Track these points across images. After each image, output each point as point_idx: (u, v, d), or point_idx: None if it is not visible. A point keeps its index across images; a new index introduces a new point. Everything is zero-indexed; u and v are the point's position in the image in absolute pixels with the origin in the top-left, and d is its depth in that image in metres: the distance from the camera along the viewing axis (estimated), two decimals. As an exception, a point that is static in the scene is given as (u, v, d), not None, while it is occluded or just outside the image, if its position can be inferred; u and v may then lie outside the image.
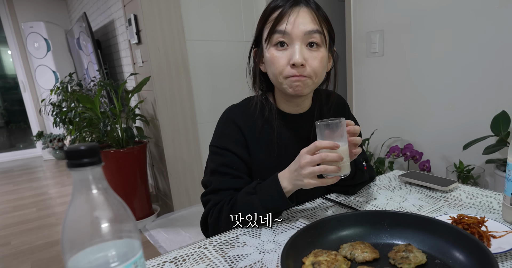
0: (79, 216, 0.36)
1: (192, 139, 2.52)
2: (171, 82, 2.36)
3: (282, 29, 0.74)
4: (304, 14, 0.75)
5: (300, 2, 0.75)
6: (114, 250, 0.37)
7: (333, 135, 0.68)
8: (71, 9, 4.45)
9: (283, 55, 0.75)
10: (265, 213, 0.74)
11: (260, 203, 0.73)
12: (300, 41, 0.74)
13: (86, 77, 3.61)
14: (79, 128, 2.29)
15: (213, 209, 0.80)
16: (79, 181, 0.36)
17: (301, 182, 0.69)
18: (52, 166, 4.41)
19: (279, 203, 0.73)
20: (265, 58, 0.80)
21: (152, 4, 2.20)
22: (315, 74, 0.77)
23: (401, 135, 1.95)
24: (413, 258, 0.56)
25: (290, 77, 0.76)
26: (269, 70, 0.80)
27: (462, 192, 0.90)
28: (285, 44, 0.75)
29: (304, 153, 0.68)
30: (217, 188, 0.82)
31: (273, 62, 0.76)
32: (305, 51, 0.75)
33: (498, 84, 1.48)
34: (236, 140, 0.84)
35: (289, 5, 0.74)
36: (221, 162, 0.83)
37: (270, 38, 0.76)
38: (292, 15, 0.74)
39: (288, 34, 0.74)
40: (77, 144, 0.36)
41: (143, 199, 2.40)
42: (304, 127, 0.90)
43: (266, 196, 0.74)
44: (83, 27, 2.98)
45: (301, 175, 0.68)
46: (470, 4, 1.51)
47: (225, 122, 0.87)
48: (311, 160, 0.66)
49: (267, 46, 0.78)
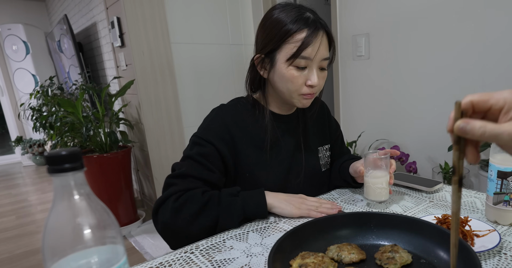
0: (61, 223, 0.35)
1: (178, 143, 2.49)
2: (156, 85, 2.34)
3: (310, 56, 0.79)
4: (323, 40, 0.81)
5: (320, 27, 0.81)
6: (97, 257, 0.36)
7: (377, 166, 0.82)
8: (51, 11, 4.35)
9: (301, 76, 0.82)
10: (241, 216, 0.77)
11: (241, 207, 0.77)
12: (317, 65, 0.82)
13: (68, 81, 3.53)
14: (61, 133, 2.24)
15: (181, 194, 0.78)
16: (61, 187, 0.35)
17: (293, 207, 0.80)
18: (32, 172, 4.28)
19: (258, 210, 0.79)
20: (280, 73, 0.83)
21: (135, 6, 2.17)
22: (319, 91, 0.89)
23: (387, 137, 1.98)
24: (399, 258, 0.56)
25: (304, 95, 0.85)
26: (284, 85, 0.84)
27: (447, 192, 0.92)
28: (305, 67, 0.82)
29: None
30: (187, 173, 0.81)
31: (292, 81, 0.82)
32: (318, 73, 0.83)
33: (481, 85, 1.53)
34: (221, 137, 0.85)
35: (313, 30, 0.79)
36: (199, 151, 0.84)
37: (294, 60, 0.80)
38: (319, 42, 0.80)
39: (311, 60, 0.80)
40: (58, 149, 0.35)
41: (127, 205, 2.36)
42: (291, 126, 0.97)
43: (249, 201, 0.79)
44: (64, 30, 2.92)
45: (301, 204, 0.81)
46: (453, 7, 1.55)
47: (213, 118, 0.89)
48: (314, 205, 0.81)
49: (287, 65, 0.81)
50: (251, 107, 0.91)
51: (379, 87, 1.95)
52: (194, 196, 0.77)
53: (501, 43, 1.44)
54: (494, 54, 1.47)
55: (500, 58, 1.46)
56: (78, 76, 2.95)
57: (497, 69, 1.48)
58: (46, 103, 2.75)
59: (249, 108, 0.91)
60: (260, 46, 0.85)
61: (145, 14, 2.22)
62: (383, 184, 0.81)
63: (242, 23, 2.74)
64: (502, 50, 1.45)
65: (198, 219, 0.75)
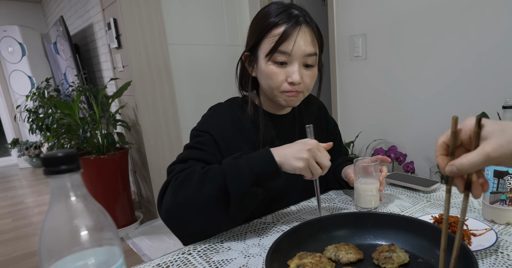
0: (58, 224, 0.35)
1: (176, 144, 2.49)
2: (153, 86, 2.33)
3: (287, 50, 0.77)
4: (305, 35, 0.78)
5: (302, 21, 0.78)
6: (94, 258, 0.36)
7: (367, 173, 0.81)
8: (47, 12, 4.34)
9: (281, 72, 0.79)
10: (250, 175, 0.66)
11: (247, 165, 0.68)
12: (299, 62, 0.79)
13: (64, 83, 3.52)
14: (57, 135, 2.23)
15: (179, 174, 0.73)
16: (57, 189, 0.35)
17: (295, 160, 0.67)
18: (28, 174, 4.26)
19: (268, 166, 0.67)
20: (261, 69, 0.81)
21: (132, 7, 2.17)
22: (307, 89, 0.84)
23: (385, 137, 1.99)
24: (396, 257, 0.57)
25: (286, 92, 0.81)
26: (265, 82, 0.82)
27: (444, 192, 0.92)
28: (284, 63, 0.79)
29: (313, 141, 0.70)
30: (188, 157, 0.78)
31: (271, 77, 0.80)
32: (301, 70, 0.80)
33: (478, 86, 1.54)
34: (218, 129, 0.84)
35: (293, 24, 0.76)
36: (197, 139, 0.83)
37: (272, 55, 0.78)
38: (295, 36, 0.76)
39: (290, 55, 0.77)
40: (54, 151, 0.35)
41: (125, 206, 2.35)
42: (286, 127, 0.95)
43: (253, 160, 0.69)
44: (60, 31, 2.91)
45: (303, 151, 0.67)
46: (450, 9, 1.56)
47: (211, 115, 0.89)
48: (318, 146, 0.69)
49: (266, 60, 0.79)
50: (246, 107, 0.89)
51: (376, 87, 1.96)
52: (194, 171, 0.72)
53: (498, 44, 1.45)
54: (491, 55, 1.48)
55: (496, 59, 1.47)
56: (74, 78, 2.94)
57: (493, 70, 1.49)
58: (43, 105, 2.73)
59: (244, 108, 0.90)
60: (246, 43, 0.85)
61: (142, 15, 2.22)
62: (373, 191, 0.80)
63: (239, 24, 2.74)
64: (499, 51, 1.46)
65: (202, 189, 0.68)
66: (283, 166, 0.68)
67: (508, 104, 0.66)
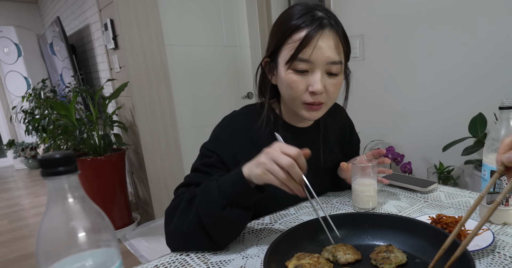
0: (55, 226, 0.35)
1: (173, 145, 2.48)
2: (150, 87, 2.33)
3: (307, 57, 0.70)
4: (329, 40, 0.71)
5: (326, 24, 0.71)
6: (92, 260, 0.36)
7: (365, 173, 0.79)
8: (44, 13, 4.32)
9: (302, 81, 0.73)
10: (220, 198, 0.62)
11: (217, 187, 0.63)
12: (321, 70, 0.72)
13: (61, 84, 3.50)
14: (54, 136, 2.22)
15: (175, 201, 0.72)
16: (55, 190, 0.35)
17: (255, 167, 0.60)
18: (24, 176, 4.23)
19: (237, 185, 0.62)
20: (280, 77, 0.75)
21: (129, 8, 2.17)
22: (331, 100, 0.77)
23: (383, 138, 2.00)
24: (394, 258, 0.57)
25: (308, 104, 0.75)
26: (285, 91, 0.76)
27: (441, 192, 0.93)
28: (305, 71, 0.72)
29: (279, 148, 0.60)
30: (190, 182, 0.76)
31: (291, 87, 0.73)
32: (324, 78, 0.73)
33: (475, 87, 1.55)
34: (228, 147, 0.79)
35: (315, 29, 0.69)
36: (204, 161, 0.78)
37: (291, 63, 0.71)
38: (317, 41, 0.69)
39: (312, 63, 0.71)
40: (52, 152, 0.35)
41: (122, 208, 2.34)
42: (309, 141, 0.89)
43: (225, 181, 0.64)
44: (56, 32, 2.90)
45: (261, 156, 0.60)
46: (447, 10, 1.57)
47: (223, 128, 0.83)
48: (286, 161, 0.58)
49: (285, 68, 0.73)
50: (267, 117, 0.82)
51: (374, 88, 1.97)
52: (184, 197, 0.70)
53: (495, 45, 1.46)
54: (488, 56, 1.49)
55: (493, 60, 1.48)
56: (71, 79, 2.92)
57: (490, 71, 1.50)
58: (39, 106, 2.72)
59: (264, 118, 0.82)
60: (267, 48, 0.79)
61: (139, 16, 2.21)
62: (370, 192, 0.80)
63: (237, 25, 2.75)
64: (496, 52, 1.47)
65: (186, 217, 0.66)
66: (252, 179, 0.62)
67: (504, 105, 0.67)
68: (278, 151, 0.59)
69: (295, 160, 0.58)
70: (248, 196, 0.63)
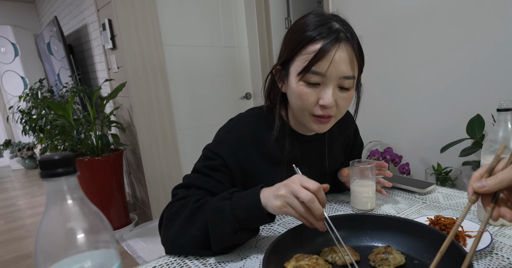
0: (54, 227, 0.35)
1: (171, 146, 2.48)
2: (148, 88, 2.32)
3: (321, 71, 0.68)
4: (344, 54, 0.69)
5: (342, 38, 0.69)
6: (91, 261, 0.36)
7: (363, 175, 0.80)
8: (41, 13, 4.30)
9: (313, 93, 0.71)
10: (233, 222, 0.61)
11: (231, 210, 0.62)
12: (334, 83, 0.70)
13: (58, 84, 3.49)
14: (51, 137, 2.21)
15: (177, 202, 0.71)
16: (54, 192, 0.35)
17: (274, 199, 0.60)
18: (21, 176, 4.21)
19: (252, 212, 0.61)
20: (291, 87, 0.74)
21: (127, 8, 2.16)
22: (340, 113, 0.76)
23: (381, 139, 2.00)
24: (392, 259, 0.57)
25: (317, 117, 0.74)
26: (295, 102, 0.74)
27: (439, 193, 0.93)
28: (317, 84, 0.71)
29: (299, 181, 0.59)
30: (192, 184, 0.74)
31: (301, 98, 0.72)
32: (336, 92, 0.72)
33: (473, 89, 1.55)
34: (233, 151, 0.77)
35: (331, 42, 0.68)
36: (207, 163, 0.77)
37: (304, 75, 0.69)
38: (333, 55, 0.68)
39: (324, 76, 0.69)
40: (51, 153, 0.35)
41: (120, 208, 2.33)
42: (314, 146, 0.88)
43: (240, 203, 0.62)
44: (54, 32, 2.89)
45: (280, 188, 0.59)
46: (445, 11, 1.58)
47: (229, 131, 0.81)
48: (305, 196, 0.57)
49: (297, 79, 0.71)
50: (272, 120, 0.81)
51: (372, 89, 1.97)
52: (187, 204, 0.68)
53: (493, 47, 1.47)
54: (486, 57, 1.50)
55: (491, 61, 1.48)
56: (68, 79, 2.91)
57: (488, 72, 1.50)
58: (36, 106, 2.71)
59: (269, 121, 0.81)
60: (279, 56, 0.77)
61: (137, 16, 2.21)
62: (369, 193, 0.81)
63: (235, 25, 2.75)
64: (493, 53, 1.47)
65: (188, 228, 0.65)
66: (267, 208, 0.61)
67: (502, 107, 0.67)
68: (298, 184, 0.58)
69: (315, 195, 0.57)
70: (260, 222, 0.64)
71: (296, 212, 0.59)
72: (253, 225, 0.64)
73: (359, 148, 1.05)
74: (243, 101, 2.87)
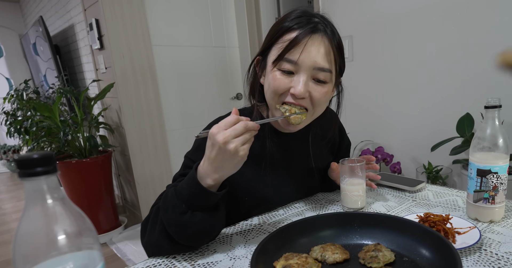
0: (33, 229, 0.34)
1: (161, 147, 2.45)
2: (137, 88, 2.29)
3: (293, 59, 0.68)
4: (319, 45, 0.69)
5: (319, 29, 0.70)
6: (73, 263, 0.35)
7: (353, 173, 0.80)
8: (26, 12, 4.22)
9: (285, 81, 0.70)
10: (180, 206, 0.61)
11: (175, 193, 0.63)
12: (307, 74, 0.70)
13: (44, 84, 3.43)
14: (37, 138, 2.16)
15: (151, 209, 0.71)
16: (33, 191, 0.34)
17: (233, 158, 0.58)
18: (6, 179, 4.12)
19: (192, 189, 0.61)
20: (267, 76, 0.74)
21: (115, 8, 2.13)
22: (316, 108, 0.74)
23: (372, 138, 2.01)
24: (382, 257, 0.57)
25: (286, 104, 0.72)
26: (267, 90, 0.74)
27: (429, 191, 0.94)
28: (291, 72, 0.70)
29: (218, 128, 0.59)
30: None
31: (273, 84, 0.71)
32: (309, 84, 0.71)
33: (462, 88, 1.57)
34: None
35: (306, 32, 0.68)
36: (185, 172, 0.73)
37: (277, 63, 0.70)
38: (305, 43, 0.68)
39: (298, 65, 0.69)
40: (30, 152, 0.34)
41: (109, 211, 2.29)
42: (296, 146, 0.88)
43: (182, 184, 0.63)
44: (39, 32, 2.83)
45: (230, 151, 0.57)
46: (436, 10, 1.60)
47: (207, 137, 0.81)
48: (233, 131, 0.58)
49: (272, 67, 0.72)
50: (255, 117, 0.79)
51: (363, 89, 1.98)
52: (155, 207, 0.69)
53: (482, 46, 1.49)
54: (475, 57, 1.51)
55: (480, 61, 1.50)
56: (55, 80, 2.86)
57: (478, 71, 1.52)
58: (21, 108, 2.65)
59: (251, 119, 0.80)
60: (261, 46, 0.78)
61: (125, 15, 2.18)
62: (359, 192, 0.81)
63: (225, 25, 2.74)
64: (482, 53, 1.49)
65: (155, 227, 0.66)
66: (214, 175, 0.60)
67: (489, 104, 0.68)
68: (219, 133, 0.58)
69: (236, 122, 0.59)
70: (205, 197, 0.61)
71: (238, 138, 0.58)
72: (200, 202, 0.62)
73: (347, 147, 1.05)
74: (233, 101, 2.86)
